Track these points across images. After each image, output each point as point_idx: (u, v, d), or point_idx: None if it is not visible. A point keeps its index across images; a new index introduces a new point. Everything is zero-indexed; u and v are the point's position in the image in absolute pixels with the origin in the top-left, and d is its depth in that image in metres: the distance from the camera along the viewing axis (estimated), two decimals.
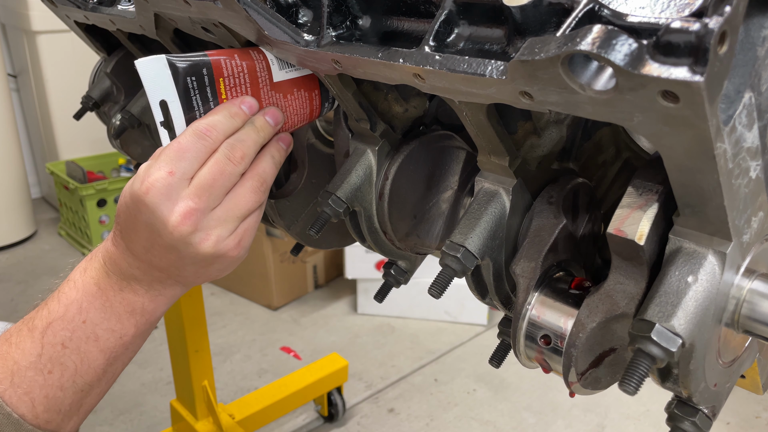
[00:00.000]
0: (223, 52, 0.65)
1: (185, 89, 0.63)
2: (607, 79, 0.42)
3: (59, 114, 3.57)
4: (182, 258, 0.63)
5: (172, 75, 0.62)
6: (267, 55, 0.67)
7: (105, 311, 0.65)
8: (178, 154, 0.61)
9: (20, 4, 3.33)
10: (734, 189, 0.46)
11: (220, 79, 0.64)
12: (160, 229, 0.61)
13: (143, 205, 0.61)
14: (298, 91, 0.67)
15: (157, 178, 0.60)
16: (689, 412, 0.54)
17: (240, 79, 0.66)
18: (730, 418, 2.19)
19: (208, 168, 0.62)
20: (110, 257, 0.66)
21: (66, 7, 1.06)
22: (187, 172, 0.61)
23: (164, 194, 0.60)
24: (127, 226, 0.64)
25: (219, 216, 0.63)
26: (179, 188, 0.61)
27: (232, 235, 0.64)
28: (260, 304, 2.90)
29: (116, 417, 2.21)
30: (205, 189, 0.62)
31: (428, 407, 2.28)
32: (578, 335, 0.55)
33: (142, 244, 0.64)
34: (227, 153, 0.63)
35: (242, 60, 0.65)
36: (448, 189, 0.78)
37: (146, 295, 0.67)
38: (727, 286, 0.51)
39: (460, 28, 0.56)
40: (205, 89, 0.64)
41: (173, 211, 0.60)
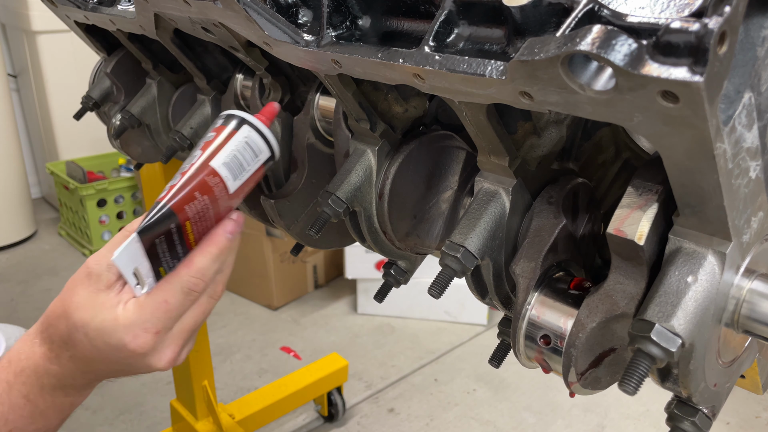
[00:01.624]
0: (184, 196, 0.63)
1: (154, 250, 0.63)
2: (606, 79, 0.42)
3: (59, 114, 3.57)
4: (140, 371, 0.67)
5: (142, 246, 0.62)
6: (221, 173, 0.65)
7: (33, 417, 0.67)
8: (165, 315, 0.62)
9: (20, 4, 3.33)
10: (734, 189, 0.46)
11: (186, 223, 0.64)
12: (139, 368, 0.65)
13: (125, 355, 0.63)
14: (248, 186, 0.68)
15: (145, 341, 0.62)
16: (689, 412, 0.54)
17: (204, 213, 0.65)
18: (730, 418, 2.19)
19: (193, 315, 0.65)
20: (48, 374, 0.66)
21: (66, 7, 1.06)
22: (172, 326, 0.64)
23: (151, 350, 0.63)
24: (92, 358, 0.64)
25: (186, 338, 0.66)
26: (164, 340, 0.64)
27: (188, 345, 0.67)
28: (260, 304, 2.90)
29: (116, 417, 2.21)
30: (187, 332, 0.65)
31: (428, 407, 2.28)
32: (578, 335, 0.55)
33: (106, 369, 0.66)
34: (210, 292, 0.65)
35: (203, 193, 0.64)
36: (448, 189, 0.78)
37: (77, 394, 0.69)
38: (727, 286, 0.51)
39: (460, 28, 0.56)
40: (173, 239, 0.64)
41: (159, 360, 0.64)
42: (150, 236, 0.62)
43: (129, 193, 3.42)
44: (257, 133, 0.68)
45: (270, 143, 0.68)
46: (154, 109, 1.18)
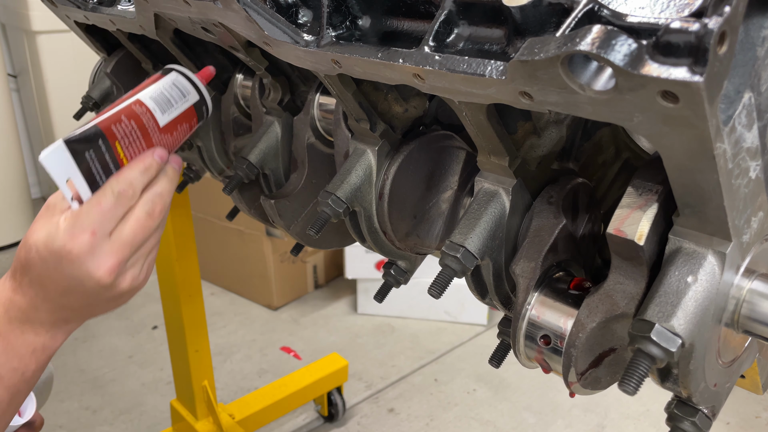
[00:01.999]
0: (111, 116, 0.70)
1: (85, 164, 0.68)
2: (606, 79, 0.42)
3: (59, 114, 3.57)
4: (99, 300, 0.70)
5: (72, 155, 0.68)
6: (148, 104, 0.73)
7: (7, 354, 0.70)
8: (99, 216, 0.67)
9: (20, 4, 3.33)
10: (734, 189, 0.46)
11: (115, 143, 0.70)
12: (84, 281, 0.67)
13: (68, 262, 0.66)
14: (180, 126, 0.75)
15: (82, 241, 0.66)
16: (689, 412, 0.54)
17: (133, 136, 0.72)
18: (730, 418, 2.19)
19: (129, 225, 0.68)
20: (14, 305, 0.70)
21: (66, 7, 1.06)
22: (108, 230, 0.67)
23: (89, 253, 0.66)
24: (44, 277, 0.68)
25: (133, 260, 0.70)
26: (101, 245, 0.67)
27: (141, 271, 0.71)
28: (260, 304, 2.90)
29: (116, 417, 2.21)
30: (126, 244, 0.68)
31: (428, 407, 2.28)
32: (578, 335, 0.55)
33: (60, 291, 0.68)
34: (148, 210, 0.70)
35: (129, 118, 0.71)
36: (448, 189, 0.78)
37: (47, 334, 0.71)
38: (727, 286, 0.51)
39: (460, 28, 0.56)
40: (104, 156, 0.69)
41: (100, 267, 0.67)
42: (78, 148, 0.68)
43: None
44: (185, 79, 0.76)
45: (198, 88, 0.76)
46: None
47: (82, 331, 2.70)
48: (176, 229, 1.55)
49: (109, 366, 2.48)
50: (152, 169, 0.71)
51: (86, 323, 2.75)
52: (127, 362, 2.51)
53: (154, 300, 2.94)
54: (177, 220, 1.54)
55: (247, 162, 0.92)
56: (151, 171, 0.71)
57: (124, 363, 2.50)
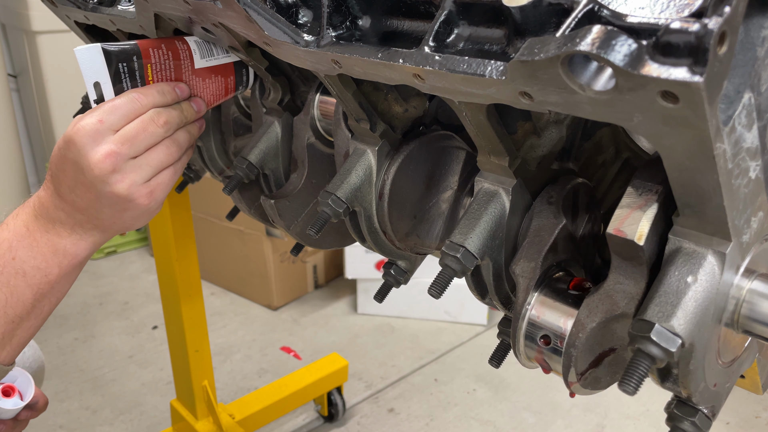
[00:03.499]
0: (152, 41, 0.76)
1: (116, 72, 0.74)
2: (606, 79, 0.42)
3: (59, 114, 3.57)
4: (100, 198, 0.73)
5: (105, 60, 0.73)
6: (191, 44, 0.79)
7: (32, 250, 0.74)
8: (110, 109, 0.72)
9: (20, 4, 3.33)
10: (734, 189, 0.46)
11: (147, 65, 0.76)
12: (83, 166, 0.71)
13: (72, 144, 0.71)
14: (215, 77, 0.80)
15: (87, 123, 0.70)
16: (689, 412, 0.54)
17: (165, 65, 0.77)
18: (730, 418, 2.19)
19: (133, 123, 0.73)
20: (40, 201, 0.75)
21: (66, 7, 1.06)
22: (115, 124, 0.72)
23: (91, 136, 0.70)
24: (57, 167, 0.73)
25: (136, 163, 0.73)
26: (105, 134, 0.71)
27: (145, 184, 0.74)
28: (260, 304, 2.90)
29: (116, 417, 2.21)
30: (128, 138, 0.72)
31: (428, 407, 2.28)
32: (578, 335, 0.55)
33: (68, 183, 0.73)
34: (153, 116, 0.74)
35: (168, 49, 0.77)
36: (448, 189, 0.78)
37: (69, 238, 0.75)
38: (727, 286, 0.51)
39: (460, 28, 0.56)
40: (135, 73, 0.75)
41: (97, 151, 0.70)
42: (113, 56, 0.74)
43: None
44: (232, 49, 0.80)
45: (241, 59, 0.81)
46: None
47: (82, 331, 2.70)
48: (176, 229, 1.55)
49: (109, 366, 2.48)
50: (168, 96, 0.76)
51: (86, 323, 2.75)
52: (127, 362, 2.51)
53: (154, 300, 2.94)
54: (177, 220, 1.54)
55: (247, 162, 0.92)
56: (167, 96, 0.76)
57: (124, 363, 2.50)
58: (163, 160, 0.76)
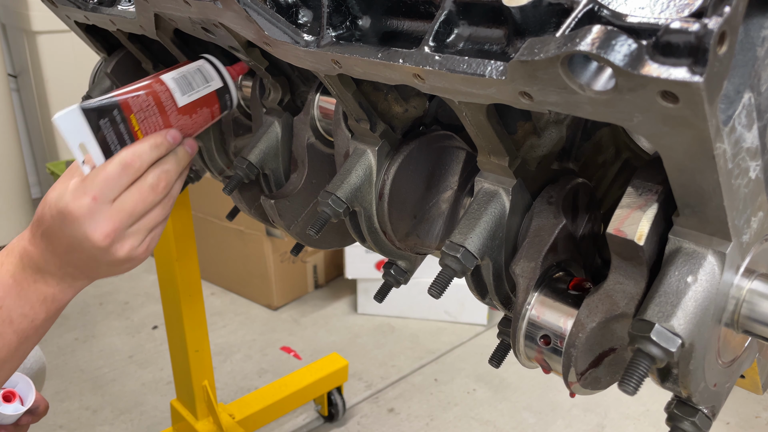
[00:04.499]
0: (130, 90, 0.74)
1: (100, 132, 0.71)
2: (606, 79, 0.42)
3: None
4: (99, 262, 0.74)
5: (87, 120, 0.71)
6: (168, 84, 0.76)
7: (20, 299, 0.75)
8: (103, 183, 0.70)
9: (20, 4, 3.33)
10: (734, 189, 0.46)
11: (131, 116, 0.73)
12: (83, 242, 0.71)
13: (69, 222, 0.70)
14: (201, 109, 0.78)
15: (83, 204, 0.70)
16: (689, 412, 0.54)
17: (149, 112, 0.75)
18: (730, 418, 2.19)
19: (131, 194, 0.72)
20: (28, 255, 0.76)
21: (66, 7, 1.06)
22: (110, 196, 0.71)
23: (88, 216, 0.70)
24: (51, 233, 0.73)
25: (133, 230, 0.73)
26: (102, 211, 0.70)
27: (142, 244, 0.75)
28: (260, 304, 2.90)
29: (116, 417, 2.21)
30: (125, 212, 0.71)
31: (428, 407, 2.28)
32: (578, 335, 0.55)
33: (64, 248, 0.73)
34: (153, 183, 0.73)
35: (148, 94, 0.74)
36: (448, 189, 0.78)
37: (57, 286, 0.76)
38: (727, 286, 0.51)
39: (460, 28, 0.56)
40: (119, 127, 0.72)
41: (95, 229, 0.70)
42: (93, 114, 0.71)
43: None
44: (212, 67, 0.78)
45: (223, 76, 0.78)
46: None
47: (82, 331, 2.70)
48: (176, 229, 1.55)
49: (109, 366, 2.48)
50: (162, 147, 0.74)
51: (86, 323, 2.75)
52: (127, 362, 2.51)
53: (154, 300, 2.94)
54: (177, 220, 1.54)
55: (247, 162, 0.92)
56: (161, 148, 0.74)
57: (124, 363, 2.50)
58: (160, 219, 0.76)
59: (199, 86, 0.78)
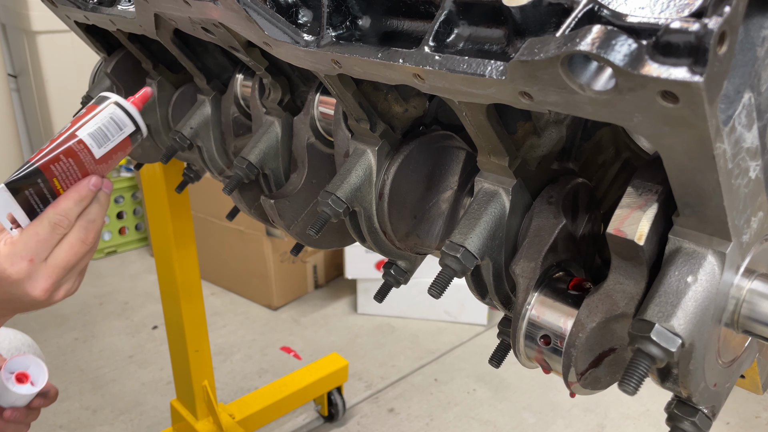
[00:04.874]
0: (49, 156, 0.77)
1: (26, 201, 0.77)
2: (606, 79, 0.42)
3: (59, 114, 3.57)
4: (33, 306, 0.80)
5: (12, 195, 0.76)
6: (86, 141, 0.79)
7: None
8: (36, 245, 0.75)
9: (20, 4, 3.33)
10: (734, 189, 0.46)
11: (53, 179, 0.78)
12: (22, 297, 0.77)
13: (7, 284, 0.75)
14: (116, 153, 0.81)
15: (21, 268, 0.75)
16: (689, 412, 0.54)
17: (70, 172, 0.79)
18: (730, 418, 2.19)
19: (63, 251, 0.77)
20: None
21: (66, 7, 1.06)
22: (43, 256, 0.76)
23: (27, 278, 0.75)
24: None
25: (68, 278, 0.79)
26: (38, 270, 0.76)
27: (74, 284, 0.81)
28: (260, 304, 2.90)
29: (116, 417, 2.21)
30: (60, 267, 0.77)
31: (428, 407, 2.28)
32: (578, 335, 0.55)
33: (2, 302, 0.78)
34: (82, 237, 0.78)
35: (67, 156, 0.78)
36: (448, 189, 0.78)
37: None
38: (727, 286, 0.51)
39: (460, 28, 0.56)
40: (43, 192, 0.77)
41: (36, 288, 0.76)
42: (18, 187, 0.76)
43: (129, 193, 3.42)
44: (122, 111, 0.80)
45: (135, 120, 0.81)
46: (154, 109, 1.18)
47: (82, 331, 2.70)
48: (176, 229, 1.55)
49: (109, 366, 2.48)
50: (86, 199, 0.79)
51: (86, 323, 2.75)
52: (127, 362, 2.51)
53: (154, 300, 2.94)
54: (177, 220, 1.54)
55: (247, 162, 0.92)
56: (86, 201, 0.79)
57: (124, 363, 2.50)
58: (89, 259, 0.81)
59: (114, 135, 0.81)
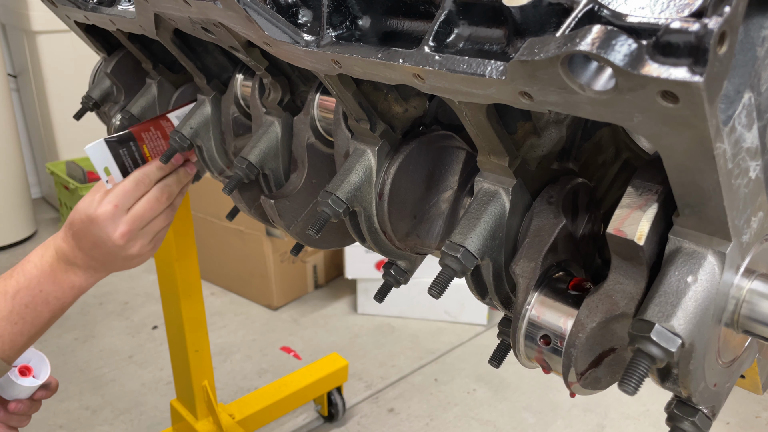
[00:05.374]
0: (142, 126, 0.99)
1: (119, 158, 0.97)
2: (606, 79, 0.42)
3: (59, 114, 3.57)
4: (115, 257, 0.95)
5: (110, 150, 0.96)
6: (173, 121, 1.02)
7: (55, 285, 0.95)
8: (121, 193, 0.93)
9: (20, 4, 3.33)
10: (734, 189, 0.46)
11: (143, 145, 0.99)
12: (105, 241, 0.93)
13: (95, 225, 0.92)
14: None
15: (106, 210, 0.92)
16: (689, 412, 0.54)
17: (157, 142, 1.01)
18: (730, 418, 2.19)
19: (141, 204, 0.95)
20: (61, 250, 0.96)
21: (66, 7, 1.06)
22: (126, 205, 0.94)
23: (110, 220, 0.92)
24: (79, 233, 0.94)
25: (143, 232, 0.96)
26: (120, 216, 0.93)
27: (149, 243, 0.98)
28: (260, 304, 2.90)
29: (116, 417, 2.21)
30: (138, 218, 0.94)
31: (428, 407, 2.28)
32: (578, 335, 0.55)
33: (89, 245, 0.94)
34: (157, 195, 0.96)
35: (156, 129, 1.01)
36: (448, 189, 0.78)
37: (83, 276, 0.97)
38: (727, 286, 0.51)
39: (460, 28, 0.56)
40: (134, 154, 0.99)
41: (114, 230, 0.93)
42: (114, 144, 0.96)
43: None
44: None
45: None
46: (154, 109, 1.18)
47: (82, 331, 2.70)
48: (176, 229, 1.55)
49: (109, 366, 2.48)
50: (166, 168, 0.98)
51: (86, 323, 2.75)
52: (127, 362, 2.51)
53: (154, 300, 2.94)
54: (177, 220, 1.54)
55: (247, 162, 0.92)
56: (165, 169, 0.98)
57: (124, 363, 2.50)
58: (164, 224, 0.98)
59: None
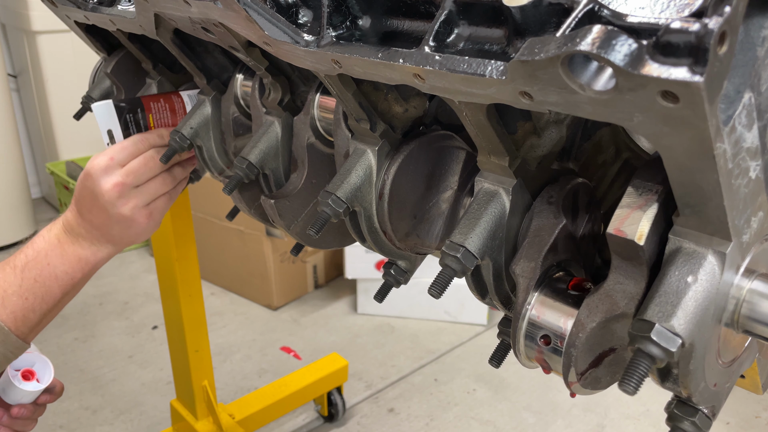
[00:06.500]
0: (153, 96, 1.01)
1: (124, 121, 0.98)
2: (606, 79, 0.42)
3: (59, 114, 3.57)
4: (110, 217, 0.93)
5: (117, 112, 0.97)
6: (185, 98, 1.04)
7: (62, 258, 0.94)
8: (119, 149, 0.93)
9: (20, 4, 3.33)
10: (734, 189, 0.46)
11: (149, 115, 1.00)
12: (97, 193, 0.91)
13: (89, 176, 0.92)
14: None
15: (101, 160, 0.92)
16: (689, 412, 0.54)
17: (163, 114, 1.02)
18: (730, 417, 2.19)
19: (137, 160, 0.94)
20: (68, 221, 0.96)
21: (66, 7, 1.06)
22: (123, 161, 0.92)
23: (103, 170, 0.91)
24: (80, 194, 0.94)
25: (137, 191, 0.94)
26: (114, 168, 0.92)
27: (144, 207, 0.95)
28: (260, 304, 2.90)
29: (116, 417, 2.21)
30: (131, 172, 0.92)
31: (428, 407, 2.28)
32: (578, 335, 0.55)
33: (87, 206, 0.93)
34: (153, 155, 0.96)
35: (165, 102, 1.03)
36: (448, 189, 0.78)
37: (89, 249, 0.95)
38: (727, 286, 0.51)
39: (460, 28, 0.56)
40: (139, 121, 0.99)
41: (107, 181, 0.91)
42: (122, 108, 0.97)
43: None
44: None
45: None
46: None
47: (82, 331, 2.70)
48: (176, 229, 1.55)
49: (109, 366, 2.48)
50: (165, 138, 0.98)
51: (86, 323, 2.75)
52: (127, 362, 2.51)
53: (154, 300, 2.94)
54: (177, 220, 1.54)
55: (247, 162, 0.92)
56: (165, 139, 0.98)
57: (124, 363, 2.50)
58: (160, 189, 0.96)
59: None
